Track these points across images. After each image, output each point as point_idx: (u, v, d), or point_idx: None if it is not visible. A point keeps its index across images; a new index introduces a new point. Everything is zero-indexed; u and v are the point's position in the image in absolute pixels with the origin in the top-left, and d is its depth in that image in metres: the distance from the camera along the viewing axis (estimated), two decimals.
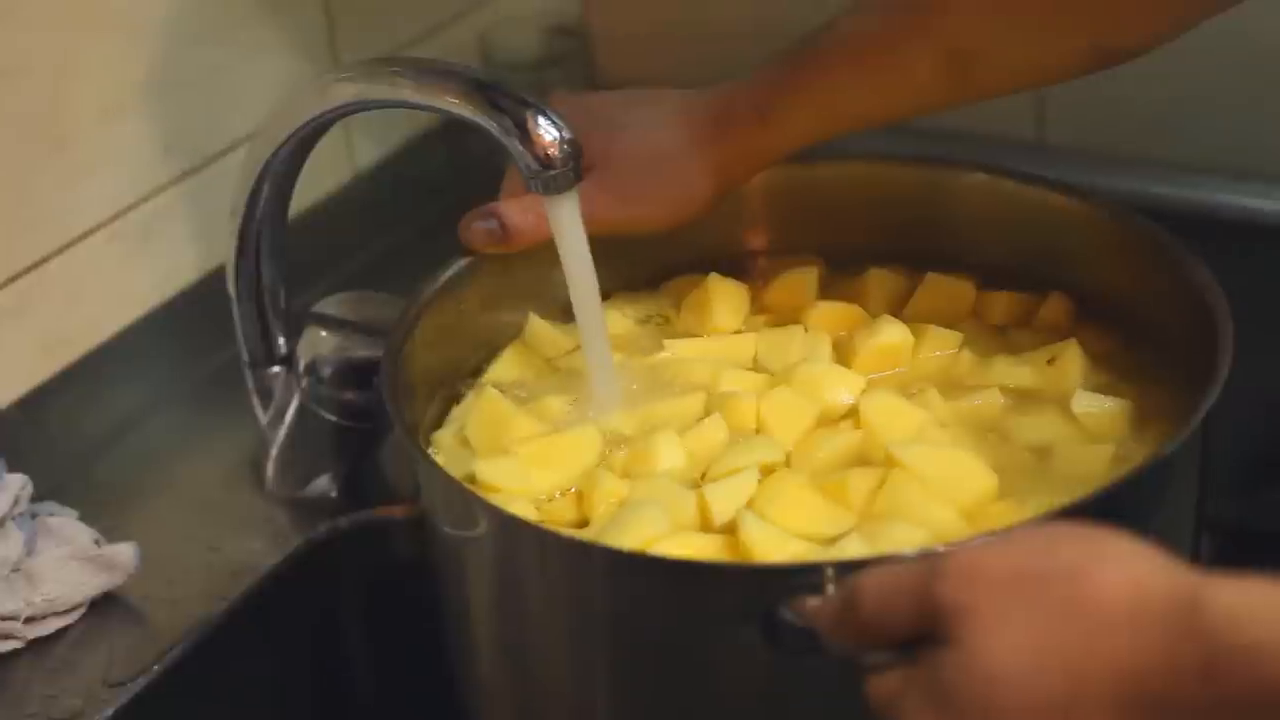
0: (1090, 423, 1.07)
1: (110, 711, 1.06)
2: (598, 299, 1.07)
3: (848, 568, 0.86)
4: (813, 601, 0.86)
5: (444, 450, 1.10)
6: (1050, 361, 1.11)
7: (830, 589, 0.86)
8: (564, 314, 1.15)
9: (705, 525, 1.00)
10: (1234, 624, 0.73)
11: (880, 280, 1.19)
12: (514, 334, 1.18)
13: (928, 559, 0.79)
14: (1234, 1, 1.06)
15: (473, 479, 1.05)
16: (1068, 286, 1.16)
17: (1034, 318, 1.16)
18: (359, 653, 1.21)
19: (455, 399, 1.14)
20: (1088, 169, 1.38)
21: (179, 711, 1.09)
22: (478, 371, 1.16)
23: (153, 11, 1.25)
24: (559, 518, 1.03)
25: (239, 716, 1.15)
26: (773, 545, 0.97)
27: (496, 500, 1.01)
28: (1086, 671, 0.74)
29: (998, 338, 1.15)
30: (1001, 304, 1.17)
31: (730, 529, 0.99)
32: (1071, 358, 1.10)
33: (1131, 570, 0.75)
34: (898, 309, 1.17)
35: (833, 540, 0.98)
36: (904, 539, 0.96)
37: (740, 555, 0.98)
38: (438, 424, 1.13)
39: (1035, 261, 1.18)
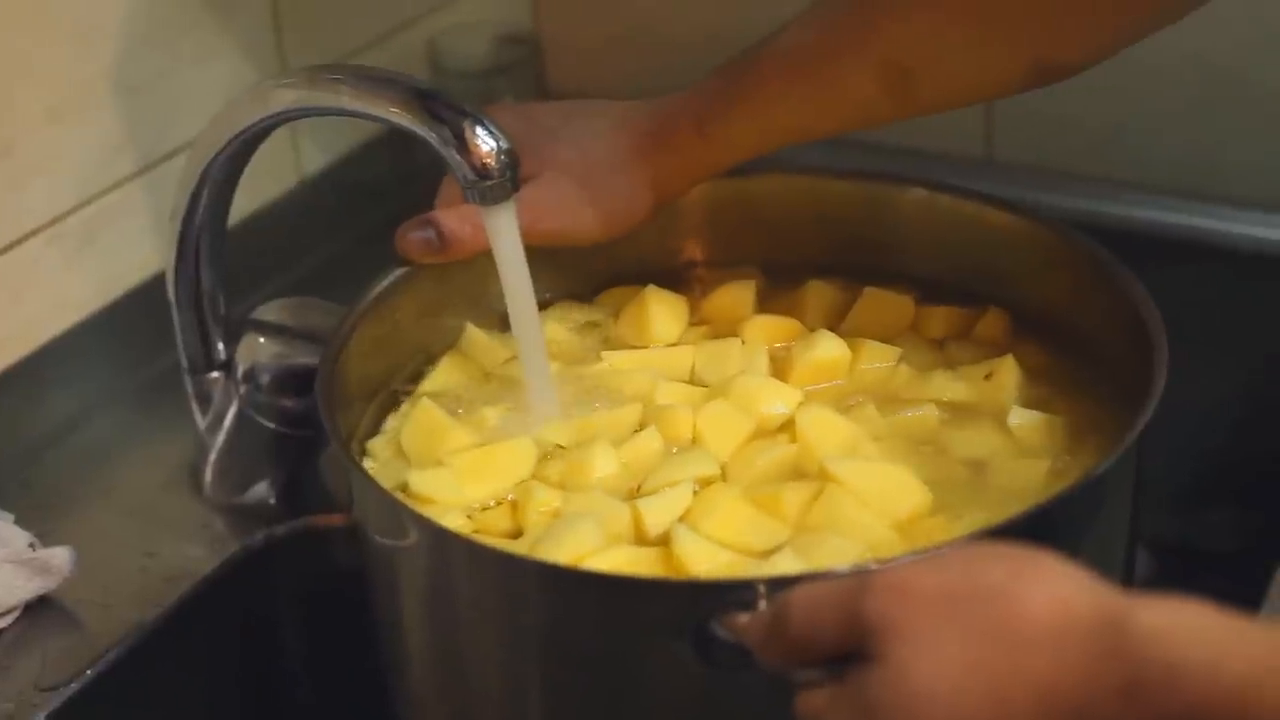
0: (1026, 437, 1.07)
1: (42, 716, 1.05)
2: (534, 309, 1.07)
3: (780, 584, 0.86)
4: (743, 618, 0.86)
5: (379, 459, 1.10)
6: (987, 377, 1.11)
7: (763, 605, 0.86)
8: (502, 323, 1.16)
9: (639, 538, 1.00)
10: (1157, 644, 0.73)
11: (819, 293, 1.19)
12: (451, 341, 1.18)
13: (857, 576, 0.80)
14: (1170, 20, 1.07)
15: (406, 489, 1.05)
16: (1006, 301, 1.17)
17: (972, 332, 1.17)
18: (295, 660, 1.20)
19: (392, 406, 1.14)
20: (1035, 186, 1.39)
21: (111, 717, 1.09)
22: (415, 378, 1.16)
23: (101, 15, 1.25)
24: (492, 528, 1.03)
25: None
26: (706, 558, 0.98)
27: (430, 512, 1.00)
28: (1010, 690, 0.74)
29: (935, 352, 1.15)
30: (939, 318, 1.17)
31: (664, 542, 0.99)
32: (1008, 372, 1.11)
33: (1058, 590, 0.76)
34: (836, 322, 1.17)
35: (766, 554, 0.98)
36: (838, 552, 0.96)
37: (674, 568, 0.98)
38: (374, 431, 1.13)
39: (974, 276, 1.18)
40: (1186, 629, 0.74)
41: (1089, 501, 0.97)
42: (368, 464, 1.08)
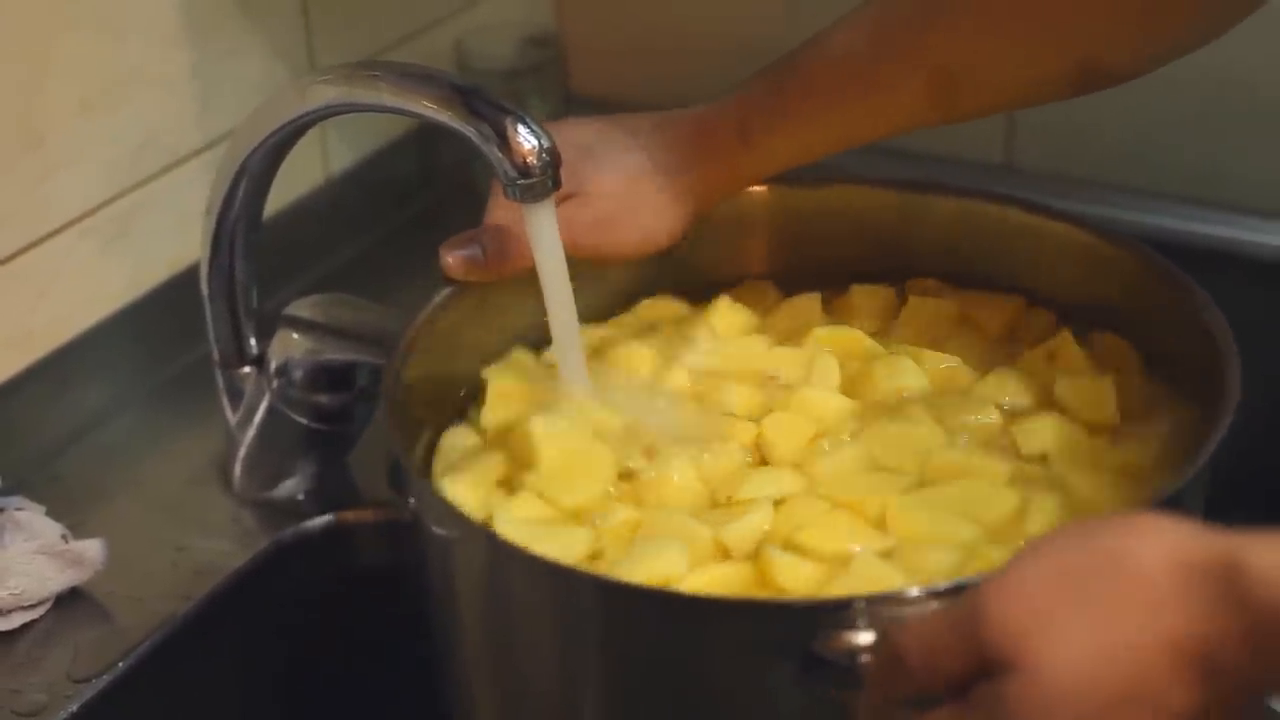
0: (1081, 406, 1.08)
1: (75, 707, 1.06)
2: (572, 307, 1.06)
3: (880, 600, 0.86)
4: (853, 637, 0.85)
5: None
6: (1050, 358, 1.12)
7: (861, 622, 0.85)
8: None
9: (723, 557, 1.00)
10: (1275, 584, 0.74)
11: (865, 297, 1.19)
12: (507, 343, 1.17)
13: (964, 597, 0.79)
14: (1216, 34, 1.07)
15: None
16: (1057, 307, 1.17)
17: (1023, 325, 1.17)
18: (322, 655, 1.21)
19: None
20: (1054, 193, 1.39)
21: (142, 709, 1.09)
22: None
23: (133, 10, 1.25)
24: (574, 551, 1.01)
25: (202, 715, 1.15)
26: (798, 573, 0.97)
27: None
28: (1145, 656, 0.75)
29: (990, 348, 1.15)
30: (989, 313, 1.18)
31: (750, 557, 0.99)
32: (1066, 343, 1.11)
33: (1169, 544, 0.76)
34: (886, 324, 1.17)
35: (861, 557, 0.97)
36: (935, 562, 0.96)
37: (765, 584, 0.97)
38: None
39: (1024, 286, 1.18)
40: None
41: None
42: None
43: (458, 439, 1.10)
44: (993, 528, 0.99)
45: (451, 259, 1.11)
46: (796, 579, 0.96)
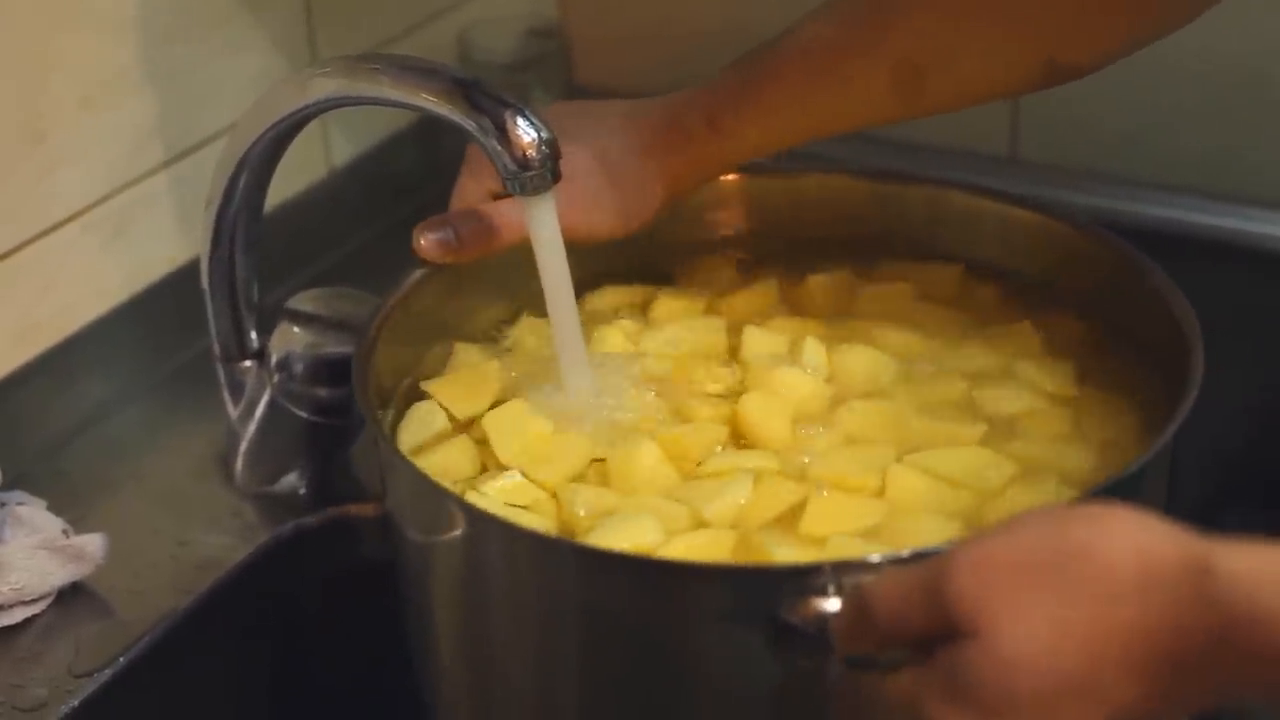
0: (1042, 382, 1.09)
1: (76, 702, 1.06)
2: (572, 298, 1.06)
3: (848, 567, 0.87)
4: (817, 604, 0.86)
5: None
6: (1009, 337, 1.13)
7: (831, 588, 0.86)
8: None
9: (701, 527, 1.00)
10: (1243, 588, 0.74)
11: (822, 286, 1.19)
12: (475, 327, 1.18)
13: (936, 559, 0.80)
14: (1180, 23, 1.07)
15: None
16: (1034, 297, 1.17)
17: (982, 306, 1.17)
18: (323, 649, 1.21)
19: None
20: (1059, 184, 1.40)
21: (144, 703, 1.09)
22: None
23: (134, 6, 1.25)
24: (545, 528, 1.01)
25: (203, 709, 1.15)
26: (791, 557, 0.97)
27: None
28: (1102, 644, 0.76)
29: (950, 324, 1.16)
30: (948, 281, 1.19)
31: (733, 526, 0.99)
32: (1025, 332, 1.12)
33: (1139, 540, 0.77)
34: (844, 309, 1.18)
35: (862, 534, 0.98)
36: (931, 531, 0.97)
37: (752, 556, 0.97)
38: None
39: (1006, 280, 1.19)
40: (1273, 572, 0.74)
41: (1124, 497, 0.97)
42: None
43: (427, 418, 1.10)
44: (985, 496, 1.00)
45: (425, 241, 1.11)
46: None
